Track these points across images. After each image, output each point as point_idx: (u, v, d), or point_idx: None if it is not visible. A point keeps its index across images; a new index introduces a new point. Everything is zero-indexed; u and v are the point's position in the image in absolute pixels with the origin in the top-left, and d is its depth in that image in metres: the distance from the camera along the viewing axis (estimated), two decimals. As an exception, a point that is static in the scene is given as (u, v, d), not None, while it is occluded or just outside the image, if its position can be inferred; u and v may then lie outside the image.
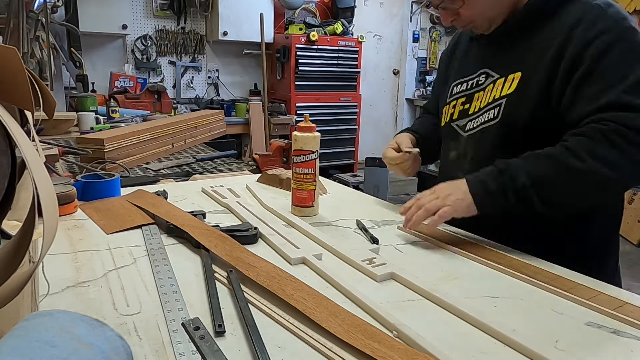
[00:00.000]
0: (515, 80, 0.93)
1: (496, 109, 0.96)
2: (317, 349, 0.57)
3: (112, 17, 3.81)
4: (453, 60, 1.17)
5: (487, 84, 1.01)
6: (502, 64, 0.98)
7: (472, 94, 1.04)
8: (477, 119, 1.01)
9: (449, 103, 1.10)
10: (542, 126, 0.90)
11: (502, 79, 0.97)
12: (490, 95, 0.99)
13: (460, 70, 1.10)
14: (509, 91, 0.94)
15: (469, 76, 1.06)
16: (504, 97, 0.95)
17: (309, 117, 1.06)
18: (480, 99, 1.02)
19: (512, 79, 0.94)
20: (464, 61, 1.11)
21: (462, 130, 1.05)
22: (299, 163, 1.05)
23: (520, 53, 0.95)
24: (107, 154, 1.62)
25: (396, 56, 5.79)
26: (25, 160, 0.46)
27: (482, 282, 0.77)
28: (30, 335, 0.41)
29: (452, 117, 1.09)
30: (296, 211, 1.08)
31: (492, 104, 0.97)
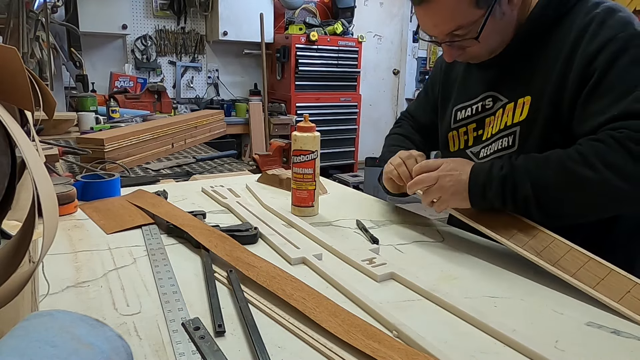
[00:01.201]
0: (526, 105, 0.90)
1: (511, 137, 0.93)
2: (317, 349, 0.57)
3: (112, 17, 3.81)
4: (451, 76, 1.12)
5: (496, 109, 0.97)
6: (509, 87, 0.95)
7: (482, 119, 1.01)
8: (490, 146, 0.98)
9: (457, 129, 1.07)
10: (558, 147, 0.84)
11: (511, 104, 0.93)
12: (501, 122, 0.95)
13: (462, 94, 1.06)
14: (522, 118, 0.91)
15: (472, 100, 1.03)
16: (517, 125, 0.92)
17: (308, 117, 1.06)
18: (492, 124, 0.98)
19: (522, 104, 0.91)
20: (464, 84, 1.06)
21: (476, 157, 1.02)
22: (299, 163, 1.05)
23: (527, 74, 0.91)
24: (107, 154, 1.62)
25: (396, 56, 5.79)
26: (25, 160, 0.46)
27: (482, 282, 0.77)
28: (30, 335, 0.41)
29: (467, 144, 1.05)
30: (296, 211, 1.08)
31: (505, 131, 0.94)
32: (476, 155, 1.03)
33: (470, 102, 1.04)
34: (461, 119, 1.06)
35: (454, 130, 1.08)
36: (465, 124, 1.05)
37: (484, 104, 1.00)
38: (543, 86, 0.88)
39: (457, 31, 0.88)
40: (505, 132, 0.94)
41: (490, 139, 0.98)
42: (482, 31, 0.86)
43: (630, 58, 0.78)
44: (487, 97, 1.00)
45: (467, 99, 1.04)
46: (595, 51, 0.80)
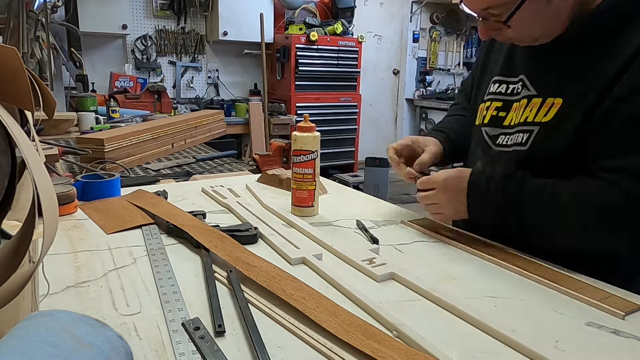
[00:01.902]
0: (554, 107, 0.84)
1: (526, 135, 0.88)
2: (317, 349, 0.57)
3: (112, 17, 3.82)
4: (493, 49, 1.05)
5: (522, 96, 0.91)
6: (543, 81, 0.88)
7: (510, 102, 0.94)
8: (510, 137, 0.92)
9: (485, 100, 1.01)
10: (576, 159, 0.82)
11: (539, 99, 0.87)
12: (522, 115, 0.90)
13: (504, 67, 0.99)
14: (545, 119, 0.85)
15: (510, 77, 0.96)
16: (536, 125, 0.86)
17: (308, 117, 1.06)
18: (516, 111, 0.92)
19: (550, 104, 0.84)
20: (509, 58, 0.98)
21: (493, 142, 0.97)
22: (299, 163, 1.05)
23: (566, 74, 0.84)
24: (107, 154, 1.62)
25: (396, 56, 5.79)
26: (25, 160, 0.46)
27: (482, 282, 0.77)
28: (30, 335, 0.41)
29: (484, 120, 0.99)
30: (296, 211, 1.08)
31: (523, 126, 0.89)
32: (492, 139, 0.97)
33: (508, 78, 0.97)
34: (492, 92, 0.99)
35: (482, 103, 1.02)
36: (492, 99, 0.99)
37: (516, 88, 0.94)
38: (580, 93, 0.80)
39: (491, 10, 0.82)
40: (522, 127, 0.89)
41: (512, 129, 0.92)
42: (512, 16, 0.80)
43: None
44: (520, 80, 0.93)
45: (505, 73, 0.98)
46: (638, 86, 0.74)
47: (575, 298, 0.71)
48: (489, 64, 1.05)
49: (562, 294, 0.73)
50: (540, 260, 0.84)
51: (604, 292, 0.72)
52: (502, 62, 1.00)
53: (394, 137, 5.83)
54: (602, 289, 0.73)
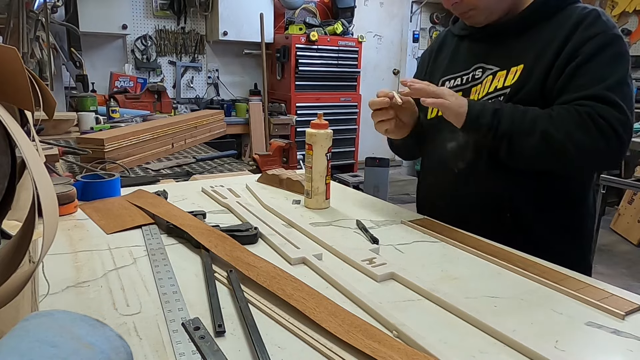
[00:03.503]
0: (518, 72, 0.99)
1: (500, 99, 1.01)
2: (317, 349, 0.57)
3: (112, 17, 3.81)
4: (438, 59, 1.20)
5: (484, 77, 1.06)
6: (501, 59, 1.04)
7: (469, 88, 1.08)
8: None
9: None
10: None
11: (503, 72, 1.02)
12: (490, 86, 1.03)
13: (450, 68, 1.14)
14: (513, 81, 1.00)
15: (462, 72, 1.10)
16: (507, 87, 1.00)
17: (322, 115, 1.10)
18: (478, 92, 1.06)
19: (515, 71, 1.00)
20: (454, 59, 1.14)
21: None
22: (329, 160, 1.10)
23: (521, 49, 1.01)
24: (107, 154, 1.62)
25: (396, 56, 5.79)
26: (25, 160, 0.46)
27: (482, 282, 0.77)
28: (31, 335, 0.41)
29: None
30: (316, 204, 1.12)
31: (494, 94, 1.02)
32: None
33: (459, 73, 1.11)
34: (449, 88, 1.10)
35: None
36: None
37: (473, 75, 1.08)
38: (537, 58, 0.98)
39: None
40: (494, 94, 1.03)
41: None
42: None
43: (611, 54, 0.93)
44: (476, 68, 1.08)
45: (457, 70, 1.12)
46: (586, 38, 0.94)
47: (575, 298, 0.71)
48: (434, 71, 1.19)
49: (562, 294, 0.73)
50: (540, 260, 0.84)
51: (604, 292, 0.72)
52: (445, 66, 1.16)
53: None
54: (602, 289, 0.73)
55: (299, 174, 1.32)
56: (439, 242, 0.94)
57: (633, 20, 4.90)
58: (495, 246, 0.91)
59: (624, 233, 3.91)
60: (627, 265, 3.40)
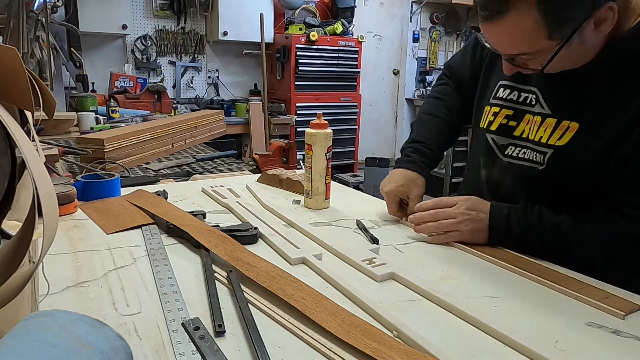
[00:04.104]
0: (569, 132, 0.83)
1: (540, 156, 0.88)
2: (317, 349, 0.57)
3: (112, 17, 3.81)
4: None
5: (536, 112, 0.90)
6: (557, 100, 0.87)
7: (523, 112, 0.93)
8: (521, 151, 0.92)
9: (492, 104, 0.99)
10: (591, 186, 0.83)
11: (553, 120, 0.86)
12: (537, 131, 0.89)
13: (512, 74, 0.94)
14: (559, 142, 0.84)
15: (519, 85, 0.94)
16: (551, 147, 0.85)
17: (321, 115, 1.10)
18: (530, 124, 0.91)
19: (565, 127, 0.84)
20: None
21: (501, 151, 0.96)
22: (330, 159, 1.10)
23: (585, 98, 0.82)
24: (107, 154, 1.62)
25: (396, 56, 5.79)
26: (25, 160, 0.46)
27: (482, 282, 0.77)
28: (31, 335, 0.41)
29: (490, 127, 0.98)
30: (316, 204, 1.12)
31: (537, 146, 0.89)
32: (501, 149, 0.97)
33: (516, 83, 0.95)
34: (500, 97, 0.98)
35: (488, 105, 1.00)
36: (501, 105, 0.97)
37: (529, 98, 0.92)
38: (599, 120, 0.80)
39: (523, 56, 0.80)
40: (537, 146, 0.89)
41: (523, 141, 0.92)
42: (549, 63, 0.78)
43: None
44: (533, 92, 0.92)
45: (516, 80, 0.95)
46: None
47: (575, 298, 0.71)
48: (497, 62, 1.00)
49: (562, 294, 0.73)
50: (540, 260, 0.84)
51: (604, 292, 0.72)
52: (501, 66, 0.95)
53: (393, 137, 5.83)
54: (602, 289, 0.73)
55: (299, 174, 1.32)
56: (439, 242, 0.94)
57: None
58: (495, 247, 0.91)
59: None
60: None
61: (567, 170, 0.85)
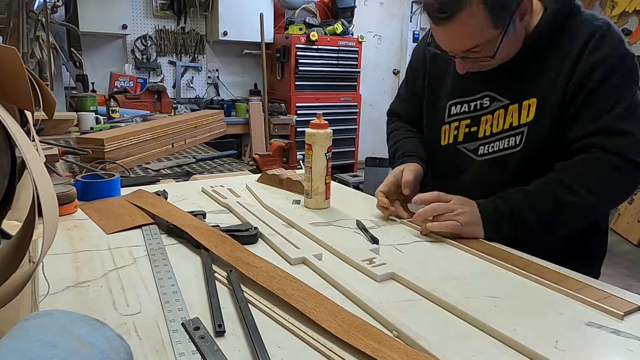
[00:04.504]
0: (532, 107, 0.97)
1: (517, 137, 0.99)
2: (317, 349, 0.57)
3: (112, 17, 3.81)
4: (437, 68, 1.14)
5: (494, 108, 1.03)
6: (512, 90, 1.00)
7: (478, 117, 1.06)
8: (493, 145, 1.04)
9: (449, 123, 1.11)
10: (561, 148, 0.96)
11: (515, 105, 0.99)
12: (505, 122, 1.01)
13: (457, 90, 1.09)
14: (529, 119, 0.98)
15: (468, 97, 1.07)
16: (524, 125, 0.98)
17: (321, 115, 1.10)
18: (490, 123, 1.04)
19: (527, 106, 0.98)
20: (461, 80, 1.07)
21: (474, 154, 1.07)
22: (330, 159, 1.10)
23: (531, 79, 0.98)
24: (107, 154, 1.62)
25: (396, 56, 5.79)
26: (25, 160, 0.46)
27: (482, 282, 0.77)
28: (31, 335, 0.41)
29: (457, 139, 1.10)
30: (316, 204, 1.12)
31: (511, 131, 1.01)
32: (473, 152, 1.08)
33: (466, 99, 1.08)
34: (455, 114, 1.10)
35: (446, 125, 1.12)
36: (458, 119, 1.09)
37: (481, 103, 1.05)
38: (549, 89, 0.95)
39: (474, 49, 0.94)
40: (510, 132, 1.01)
41: (491, 137, 1.04)
42: (498, 49, 0.92)
43: (622, 74, 0.91)
44: (484, 96, 1.05)
45: (463, 95, 1.08)
46: (593, 64, 0.91)
47: (574, 298, 0.71)
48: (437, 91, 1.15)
49: (562, 294, 0.73)
50: (540, 260, 0.84)
51: (603, 292, 0.72)
52: (450, 88, 1.11)
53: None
54: (601, 289, 0.73)
55: (299, 174, 1.32)
56: (439, 242, 0.94)
57: (633, 20, 4.90)
58: (494, 246, 0.91)
59: (624, 233, 3.91)
60: (627, 265, 3.40)
61: (543, 139, 0.97)
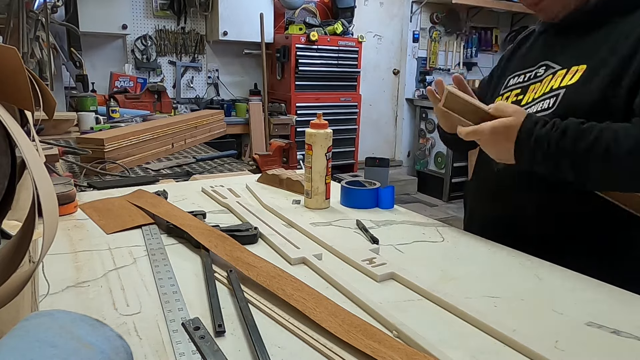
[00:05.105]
0: (578, 72, 0.89)
1: (552, 99, 0.91)
2: (317, 349, 0.57)
3: (112, 17, 3.81)
4: (516, 55, 1.12)
5: (545, 76, 0.97)
6: (567, 56, 0.94)
7: (528, 85, 1.00)
8: (531, 108, 0.95)
9: (503, 94, 1.06)
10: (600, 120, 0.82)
11: (563, 70, 0.93)
12: (547, 86, 0.94)
13: (520, 65, 1.07)
14: (570, 82, 0.89)
15: (527, 68, 1.03)
16: (562, 88, 0.90)
17: (321, 115, 1.10)
18: (535, 90, 0.97)
19: (575, 71, 0.90)
20: (527, 55, 1.07)
21: None
22: (330, 159, 1.10)
23: (590, 46, 0.91)
24: (107, 154, 1.62)
25: (396, 56, 5.79)
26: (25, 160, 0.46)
27: (482, 282, 0.77)
28: (30, 335, 0.41)
29: None
30: (316, 204, 1.11)
31: (549, 94, 0.93)
32: None
33: (524, 70, 1.03)
34: (510, 85, 1.05)
35: (500, 96, 1.06)
36: (511, 90, 1.04)
37: (536, 72, 1.00)
38: (605, 58, 0.86)
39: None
40: (548, 94, 0.92)
41: (530, 103, 0.96)
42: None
43: None
44: (542, 65, 0.99)
45: (524, 67, 1.04)
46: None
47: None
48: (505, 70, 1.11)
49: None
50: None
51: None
52: (516, 61, 1.09)
53: (394, 137, 5.82)
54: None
55: (299, 174, 1.32)
56: (439, 242, 0.94)
57: None
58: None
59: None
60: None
61: (578, 106, 0.86)
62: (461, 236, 0.98)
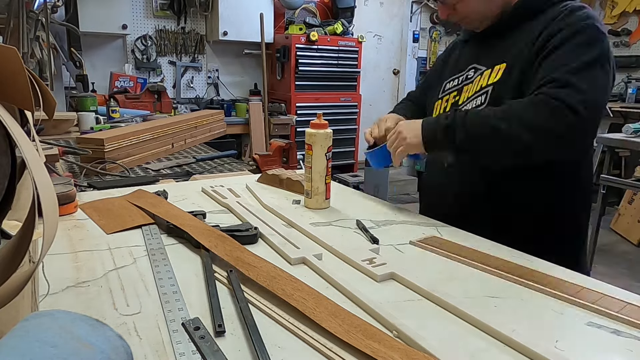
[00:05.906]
0: (500, 70, 1.06)
1: (483, 96, 1.07)
2: (317, 349, 0.57)
3: (112, 17, 3.81)
4: (448, 64, 1.29)
5: (475, 77, 1.13)
6: (489, 58, 1.11)
7: (462, 87, 1.16)
8: (465, 107, 1.11)
9: (442, 98, 1.22)
10: None
11: (488, 70, 1.09)
12: (477, 85, 1.10)
13: (452, 71, 1.23)
14: (495, 79, 1.06)
15: (459, 72, 1.19)
16: (490, 85, 1.07)
17: (321, 115, 1.11)
18: (468, 91, 1.13)
19: (497, 69, 1.06)
20: (458, 61, 1.23)
21: None
22: (330, 159, 1.10)
23: (505, 47, 1.08)
24: (107, 154, 1.62)
25: (396, 56, 5.79)
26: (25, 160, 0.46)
27: (482, 282, 0.77)
28: (30, 335, 0.41)
29: (446, 110, 1.18)
30: (316, 204, 1.12)
31: (479, 92, 1.09)
32: None
33: (458, 74, 1.20)
34: (447, 89, 1.21)
35: (439, 100, 1.22)
36: (448, 93, 1.20)
37: (467, 75, 1.16)
38: (518, 55, 1.04)
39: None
40: (479, 92, 1.09)
41: (465, 102, 1.13)
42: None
43: (579, 41, 0.96)
44: (470, 68, 1.16)
45: (457, 72, 1.21)
46: (556, 30, 0.99)
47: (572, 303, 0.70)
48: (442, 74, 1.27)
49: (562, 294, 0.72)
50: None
51: (598, 294, 0.72)
52: (449, 70, 1.25)
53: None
54: (597, 291, 0.73)
55: (299, 174, 1.32)
56: (439, 242, 0.94)
57: (633, 20, 4.90)
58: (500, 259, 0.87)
59: (624, 233, 3.91)
60: (627, 265, 3.40)
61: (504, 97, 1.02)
62: (461, 236, 0.98)
